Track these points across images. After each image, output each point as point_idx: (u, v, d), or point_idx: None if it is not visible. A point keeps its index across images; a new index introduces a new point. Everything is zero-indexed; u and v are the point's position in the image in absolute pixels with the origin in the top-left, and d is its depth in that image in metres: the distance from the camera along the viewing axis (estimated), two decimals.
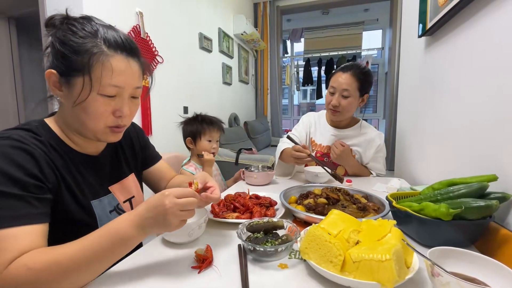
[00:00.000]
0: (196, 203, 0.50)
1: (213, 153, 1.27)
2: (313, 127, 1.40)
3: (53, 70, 0.53)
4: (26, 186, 0.46)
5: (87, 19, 0.55)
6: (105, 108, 0.54)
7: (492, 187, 0.59)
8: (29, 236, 0.44)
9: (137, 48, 0.58)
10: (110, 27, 0.56)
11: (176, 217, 0.48)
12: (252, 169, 1.22)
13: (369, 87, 1.25)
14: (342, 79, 1.20)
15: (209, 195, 0.58)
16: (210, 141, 1.27)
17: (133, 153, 0.77)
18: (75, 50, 0.51)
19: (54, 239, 0.49)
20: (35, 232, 0.45)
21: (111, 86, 0.53)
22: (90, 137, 0.59)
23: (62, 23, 0.54)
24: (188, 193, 0.50)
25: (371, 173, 1.33)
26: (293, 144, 1.17)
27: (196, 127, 1.26)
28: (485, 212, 0.55)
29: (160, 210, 0.47)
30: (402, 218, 0.64)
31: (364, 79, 1.21)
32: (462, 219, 0.56)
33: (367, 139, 1.31)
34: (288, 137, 1.24)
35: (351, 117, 1.34)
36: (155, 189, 0.87)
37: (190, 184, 0.57)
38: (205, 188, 0.61)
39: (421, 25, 1.14)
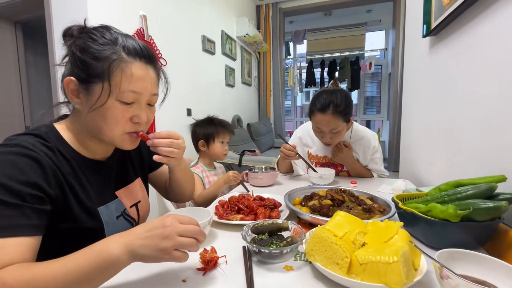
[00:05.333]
0: (199, 233, 0.46)
1: (224, 155, 1.30)
2: (305, 141, 1.40)
3: (72, 78, 0.53)
4: (24, 195, 0.45)
5: (106, 28, 0.56)
6: (123, 114, 0.55)
7: (500, 188, 0.58)
8: (16, 248, 0.42)
9: (154, 55, 0.59)
10: (128, 35, 0.57)
11: (172, 242, 0.43)
12: (256, 170, 1.22)
13: (351, 110, 1.16)
14: (326, 121, 1.11)
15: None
16: (222, 142, 1.27)
17: (139, 157, 0.77)
18: (95, 56, 0.52)
19: (61, 246, 0.49)
20: (24, 244, 0.43)
21: (130, 92, 0.53)
22: (107, 142, 0.59)
23: (81, 32, 0.55)
24: (192, 220, 0.47)
25: (373, 175, 1.32)
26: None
27: (211, 129, 1.25)
28: (494, 214, 0.54)
29: (157, 232, 0.43)
30: (409, 220, 0.63)
31: (345, 110, 1.11)
32: (471, 221, 0.55)
33: (363, 142, 1.30)
34: (279, 135, 1.28)
35: None
36: (164, 191, 0.87)
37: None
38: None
39: (425, 25, 1.13)
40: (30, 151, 0.49)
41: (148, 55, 0.56)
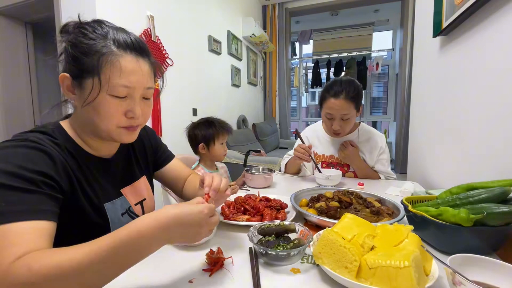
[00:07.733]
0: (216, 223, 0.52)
1: (224, 155, 1.28)
2: (311, 140, 1.39)
3: (66, 74, 0.53)
4: (37, 182, 0.45)
5: (98, 22, 0.55)
6: (116, 108, 0.54)
7: None
8: (35, 233, 0.42)
9: (147, 48, 0.57)
10: (120, 29, 0.56)
11: (203, 235, 0.49)
12: (252, 171, 1.20)
13: (361, 99, 1.21)
14: (338, 106, 1.15)
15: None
16: (222, 144, 1.26)
17: (144, 156, 0.77)
18: (85, 51, 0.51)
19: (67, 240, 0.49)
20: (42, 229, 0.43)
21: (121, 86, 0.52)
22: (104, 138, 0.59)
23: (75, 28, 0.54)
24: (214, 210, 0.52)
25: (380, 177, 1.31)
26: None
27: (211, 131, 1.23)
28: (508, 218, 0.52)
29: (195, 230, 0.47)
30: (419, 223, 0.62)
31: (357, 97, 1.16)
32: (483, 225, 0.53)
33: (369, 143, 1.29)
34: (297, 133, 1.29)
35: None
36: (173, 188, 0.86)
37: (207, 199, 0.57)
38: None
39: (435, 25, 1.11)
40: (40, 145, 0.50)
41: (139, 47, 0.55)
